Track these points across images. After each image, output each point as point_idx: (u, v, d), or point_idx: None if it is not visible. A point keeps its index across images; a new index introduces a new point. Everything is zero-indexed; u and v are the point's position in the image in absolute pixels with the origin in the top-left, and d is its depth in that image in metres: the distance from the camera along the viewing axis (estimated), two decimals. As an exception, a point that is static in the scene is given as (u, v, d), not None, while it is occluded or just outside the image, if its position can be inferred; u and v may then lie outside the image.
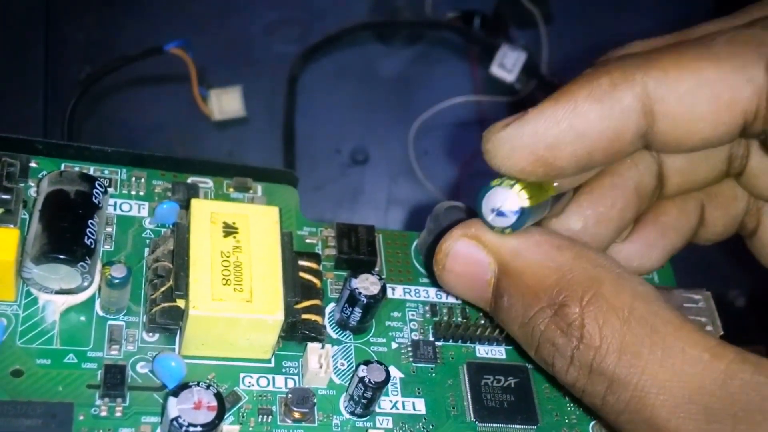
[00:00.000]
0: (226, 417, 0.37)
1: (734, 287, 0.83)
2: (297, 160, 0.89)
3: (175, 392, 0.35)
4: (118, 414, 0.36)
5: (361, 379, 0.38)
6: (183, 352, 0.39)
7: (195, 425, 0.34)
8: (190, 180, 0.45)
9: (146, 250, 0.42)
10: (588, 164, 0.34)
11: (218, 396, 0.35)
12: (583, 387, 0.33)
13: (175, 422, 0.34)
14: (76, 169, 0.42)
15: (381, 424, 0.39)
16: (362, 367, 0.38)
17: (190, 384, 0.35)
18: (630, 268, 0.39)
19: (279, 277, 0.39)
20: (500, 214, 0.34)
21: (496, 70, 0.89)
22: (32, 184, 0.42)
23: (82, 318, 0.39)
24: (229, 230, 0.39)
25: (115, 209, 0.43)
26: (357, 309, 0.41)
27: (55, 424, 0.35)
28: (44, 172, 0.42)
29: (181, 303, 0.38)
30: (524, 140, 0.33)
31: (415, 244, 0.47)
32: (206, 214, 0.39)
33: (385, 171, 0.91)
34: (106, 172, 0.44)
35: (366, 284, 0.40)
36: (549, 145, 0.33)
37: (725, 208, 0.42)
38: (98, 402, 0.36)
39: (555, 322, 0.33)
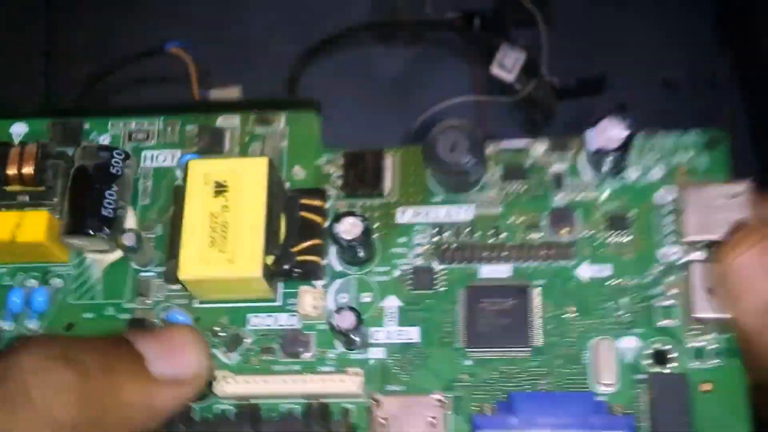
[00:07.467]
0: (231, 356, 0.43)
1: None
2: (297, 160, 0.89)
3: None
4: None
5: (332, 326, 0.41)
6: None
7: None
8: (220, 119, 0.48)
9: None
10: None
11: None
12: None
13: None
14: (99, 140, 0.48)
15: (374, 355, 0.43)
16: (334, 315, 0.41)
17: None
18: None
19: (261, 235, 0.42)
20: None
21: (496, 70, 0.89)
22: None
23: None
24: (220, 189, 0.43)
25: (152, 161, 0.48)
26: (347, 250, 0.43)
27: None
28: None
29: None
30: None
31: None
32: (200, 176, 0.44)
33: (385, 171, 0.91)
34: (146, 124, 0.49)
35: (347, 226, 0.42)
36: None
37: None
38: None
39: None
